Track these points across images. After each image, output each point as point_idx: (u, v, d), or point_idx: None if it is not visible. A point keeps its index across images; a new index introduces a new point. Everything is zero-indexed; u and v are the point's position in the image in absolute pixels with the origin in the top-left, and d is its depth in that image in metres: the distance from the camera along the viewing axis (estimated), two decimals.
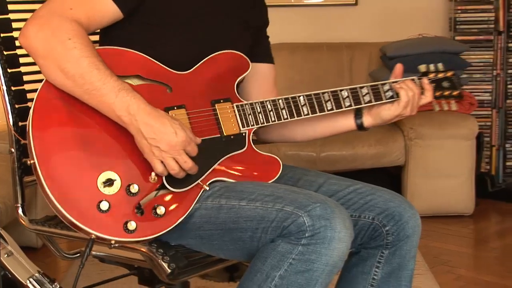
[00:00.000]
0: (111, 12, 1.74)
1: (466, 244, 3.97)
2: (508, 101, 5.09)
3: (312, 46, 5.03)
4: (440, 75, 2.03)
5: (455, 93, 2.03)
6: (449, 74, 2.04)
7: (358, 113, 1.99)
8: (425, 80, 1.98)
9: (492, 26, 5.02)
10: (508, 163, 5.13)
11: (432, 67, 2.03)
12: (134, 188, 1.64)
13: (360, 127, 2.00)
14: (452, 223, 4.25)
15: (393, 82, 1.96)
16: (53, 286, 2.52)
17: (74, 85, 1.63)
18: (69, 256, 2.03)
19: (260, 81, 2.02)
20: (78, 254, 2.02)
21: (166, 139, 1.63)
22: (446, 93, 2.02)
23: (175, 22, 1.83)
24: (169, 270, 1.68)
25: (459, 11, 5.01)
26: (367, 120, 1.99)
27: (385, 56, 4.71)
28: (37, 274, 2.51)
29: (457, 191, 4.33)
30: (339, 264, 1.60)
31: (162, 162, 1.65)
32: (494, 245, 3.89)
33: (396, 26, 5.17)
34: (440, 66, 2.04)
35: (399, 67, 1.99)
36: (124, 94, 1.63)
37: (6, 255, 2.50)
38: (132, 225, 1.61)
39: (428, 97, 1.96)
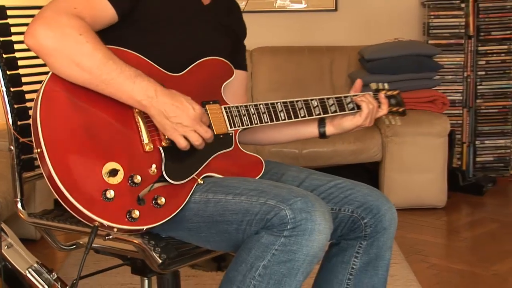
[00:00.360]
0: (109, 14, 1.73)
1: (439, 234, 3.98)
2: (477, 100, 5.12)
3: (295, 50, 5.03)
4: (389, 93, 2.11)
5: (401, 109, 2.13)
6: (395, 93, 2.13)
7: (321, 123, 2.05)
8: (382, 95, 2.07)
9: (463, 30, 5.04)
10: (478, 159, 5.16)
11: (381, 85, 2.12)
12: (137, 179, 1.63)
13: (322, 135, 2.05)
14: (426, 215, 4.27)
15: (354, 96, 2.03)
16: (51, 276, 2.51)
17: (91, 77, 1.62)
18: (66, 248, 2.02)
19: (236, 86, 2.03)
20: (74, 246, 2.01)
21: (187, 114, 1.65)
22: (394, 109, 2.11)
23: (167, 27, 1.83)
24: (160, 261, 1.67)
25: (432, 17, 5.02)
26: (329, 129, 2.04)
27: (363, 59, 4.72)
28: (36, 265, 2.50)
29: (430, 185, 4.34)
30: (319, 254, 1.60)
31: (185, 137, 1.67)
32: (465, 236, 3.91)
33: (373, 30, 5.18)
34: (386, 85, 2.12)
35: (358, 83, 2.06)
36: (140, 79, 1.63)
37: (6, 246, 2.49)
38: (136, 214, 1.60)
39: (384, 110, 2.05)
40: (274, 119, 1.90)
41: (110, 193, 1.59)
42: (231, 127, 1.84)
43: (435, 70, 4.68)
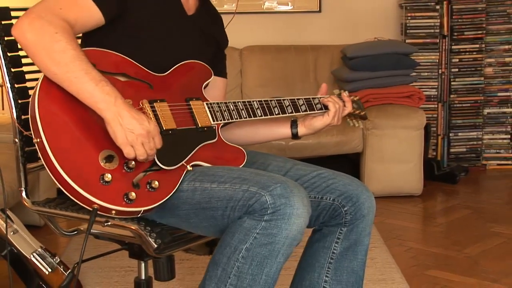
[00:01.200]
0: (95, 17, 1.73)
1: (415, 220, 3.99)
2: (451, 96, 5.13)
3: (282, 48, 5.02)
4: (350, 98, 2.11)
5: (362, 113, 2.16)
6: (356, 98, 2.16)
7: (294, 124, 2.05)
8: (344, 94, 2.07)
9: (438, 30, 5.04)
10: (451, 150, 5.17)
11: (342, 91, 2.12)
12: (132, 164, 1.63)
13: (295, 135, 2.05)
14: (404, 202, 4.28)
15: (321, 98, 2.04)
16: (54, 259, 2.51)
17: (58, 72, 1.61)
18: (68, 234, 2.01)
19: (215, 90, 2.04)
20: (76, 232, 2.00)
21: (141, 125, 1.60)
22: (356, 112, 2.12)
23: (152, 34, 1.84)
24: (155, 245, 1.67)
25: (409, 18, 5.03)
26: (301, 130, 2.04)
27: (346, 57, 4.71)
28: (40, 249, 2.51)
29: (408, 175, 4.35)
30: (298, 237, 1.61)
31: (132, 146, 1.61)
32: (440, 221, 3.92)
33: (355, 30, 5.18)
34: (347, 92, 2.12)
35: (324, 87, 2.08)
36: (104, 84, 1.61)
37: (12, 232, 2.49)
38: (133, 195, 1.61)
39: (349, 107, 2.05)
40: (251, 115, 1.91)
41: (108, 177, 1.59)
42: (213, 120, 1.85)
43: (412, 67, 4.68)
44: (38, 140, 1.59)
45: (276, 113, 1.97)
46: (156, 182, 1.66)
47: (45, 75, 1.64)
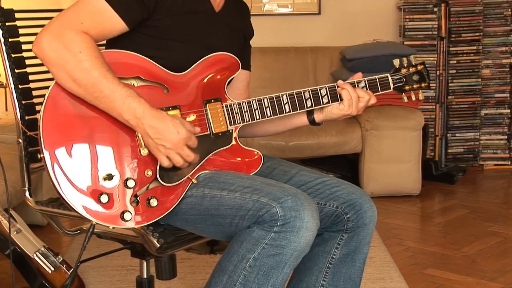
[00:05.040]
0: (119, 27, 1.69)
1: (414, 220, 3.99)
2: (449, 97, 5.13)
3: (281, 50, 5.02)
4: (412, 69, 1.96)
5: (423, 85, 1.96)
6: (419, 67, 1.97)
7: (310, 111, 1.93)
8: (358, 88, 1.88)
9: (436, 32, 5.04)
10: (449, 151, 5.17)
11: (405, 61, 1.95)
12: (132, 183, 1.63)
13: (313, 122, 1.94)
14: (402, 202, 4.27)
15: (339, 85, 1.86)
16: (57, 258, 2.51)
17: (86, 93, 1.60)
18: (71, 233, 2.01)
19: (237, 84, 1.97)
20: (79, 231, 2.00)
21: (170, 138, 1.61)
22: (415, 86, 1.95)
23: (179, 35, 1.78)
24: (158, 245, 1.67)
25: (408, 20, 5.03)
26: (318, 116, 1.93)
27: (345, 58, 4.71)
28: (42, 249, 2.50)
29: (406, 175, 4.34)
30: (306, 249, 1.60)
31: (167, 157, 1.63)
32: (438, 221, 3.92)
33: (354, 32, 5.18)
34: (412, 59, 1.96)
35: (357, 76, 1.90)
36: (130, 100, 1.60)
37: (15, 232, 2.48)
38: (128, 216, 1.62)
39: (363, 101, 1.87)
40: (278, 112, 1.82)
41: (105, 198, 1.60)
42: (231, 124, 1.79)
43: None
44: (42, 156, 1.60)
45: (309, 105, 1.84)
46: (155, 201, 1.65)
47: (72, 93, 1.62)
